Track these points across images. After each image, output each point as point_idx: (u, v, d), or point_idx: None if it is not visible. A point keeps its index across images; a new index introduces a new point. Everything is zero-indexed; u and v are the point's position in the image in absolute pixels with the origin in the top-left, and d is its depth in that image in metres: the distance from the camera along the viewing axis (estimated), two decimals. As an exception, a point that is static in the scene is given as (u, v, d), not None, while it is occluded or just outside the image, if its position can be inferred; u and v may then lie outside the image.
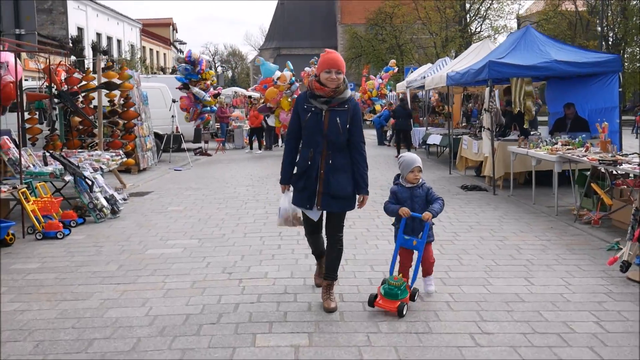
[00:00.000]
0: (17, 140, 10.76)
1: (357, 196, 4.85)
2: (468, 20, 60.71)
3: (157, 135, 17.05)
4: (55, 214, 8.15)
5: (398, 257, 5.05)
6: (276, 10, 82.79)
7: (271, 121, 20.12)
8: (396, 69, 34.34)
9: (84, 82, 12.00)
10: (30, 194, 8.26)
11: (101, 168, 9.75)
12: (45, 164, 8.72)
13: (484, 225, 8.06)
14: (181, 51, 46.62)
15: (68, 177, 8.45)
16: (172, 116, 16.99)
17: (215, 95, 19.29)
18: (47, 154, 8.72)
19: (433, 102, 23.48)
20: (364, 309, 4.72)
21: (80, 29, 38.13)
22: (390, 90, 36.84)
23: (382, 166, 15.76)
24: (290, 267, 5.94)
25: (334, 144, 4.66)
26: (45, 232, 7.45)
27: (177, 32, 64.38)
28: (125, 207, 9.65)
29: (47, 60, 9.00)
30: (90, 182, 8.53)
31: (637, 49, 51.75)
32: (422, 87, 21.22)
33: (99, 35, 41.03)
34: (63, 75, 9.65)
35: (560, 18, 55.24)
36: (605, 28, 48.85)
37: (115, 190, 10.53)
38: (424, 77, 21.51)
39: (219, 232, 7.59)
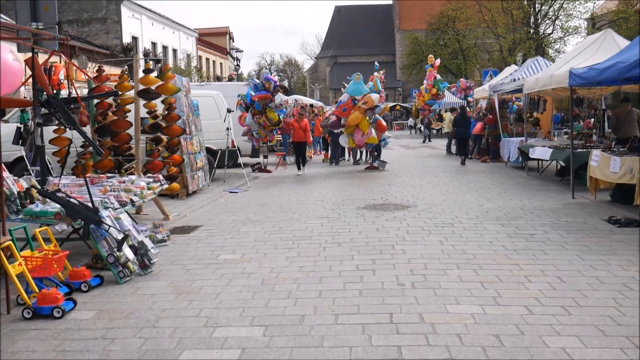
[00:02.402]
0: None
1: None
2: (539, 21, 56.78)
3: (209, 150, 14.68)
4: (61, 272, 5.74)
5: None
6: (332, 17, 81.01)
7: (343, 141, 17.43)
8: (436, 63, 32.15)
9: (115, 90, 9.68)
10: (26, 245, 5.85)
11: (132, 201, 7.30)
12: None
13: None
14: (238, 59, 44.81)
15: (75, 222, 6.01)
16: (227, 128, 14.57)
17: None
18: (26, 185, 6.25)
19: (520, 107, 20.39)
20: None
21: (134, 38, 36.77)
22: (443, 90, 34.16)
23: (488, 188, 12.81)
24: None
25: None
26: (37, 307, 4.99)
27: (233, 41, 62.91)
28: (164, 252, 7.16)
29: (32, 54, 6.59)
30: (119, 236, 6.03)
31: None
32: (515, 92, 18.24)
33: (154, 44, 39.63)
34: (62, 75, 7.31)
35: (639, 17, 50.80)
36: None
37: (154, 227, 8.12)
38: (515, 80, 18.54)
39: (294, 311, 4.93)
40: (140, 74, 9.97)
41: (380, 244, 7.34)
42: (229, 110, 14.82)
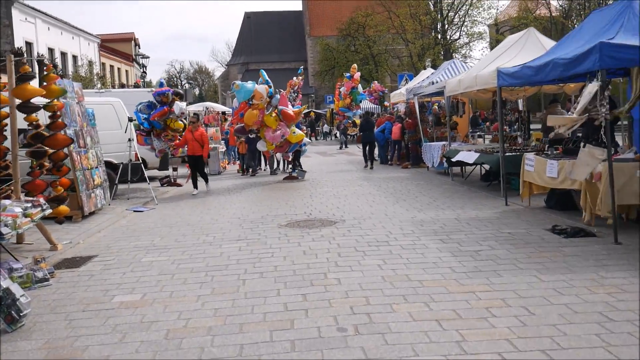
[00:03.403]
0: None
1: None
2: (446, 27, 58.11)
3: (110, 164, 13.11)
4: None
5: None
6: (243, 24, 79.73)
7: (262, 146, 16.08)
8: (356, 76, 31.18)
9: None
10: None
11: (0, 234, 5.84)
12: None
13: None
14: (144, 66, 42.41)
15: None
16: (130, 139, 13.04)
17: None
18: None
19: (436, 111, 20.05)
20: None
21: (28, 44, 33.92)
22: (360, 101, 33.46)
23: (416, 196, 12.03)
24: None
25: None
26: None
27: (139, 47, 60.09)
28: (44, 295, 5.76)
29: None
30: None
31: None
32: (434, 95, 17.79)
33: (51, 50, 36.80)
34: None
35: (537, 23, 53.06)
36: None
37: (35, 262, 6.68)
38: (433, 83, 18.12)
39: (209, 381, 3.77)
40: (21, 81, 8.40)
41: (309, 272, 6.25)
42: (130, 120, 13.32)
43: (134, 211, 11.59)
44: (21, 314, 4.93)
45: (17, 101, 8.11)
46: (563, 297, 5.08)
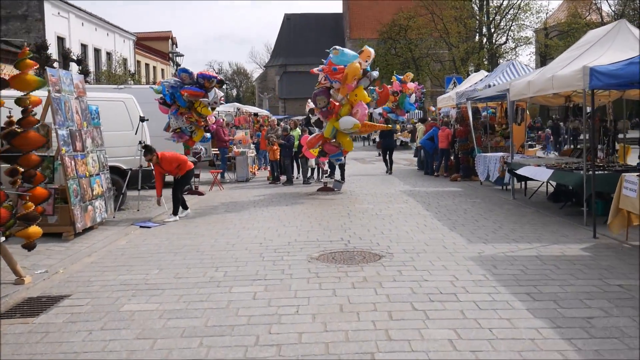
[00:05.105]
0: None
1: None
2: (492, 31, 55.35)
3: (117, 171, 11.37)
4: None
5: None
6: (282, 26, 78.64)
7: (347, 122, 13.05)
8: (409, 85, 28.00)
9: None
10: None
11: None
12: None
13: None
14: (178, 64, 41.08)
15: None
16: (141, 142, 11.26)
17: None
18: None
19: (485, 117, 17.87)
20: None
21: (60, 39, 32.88)
22: (408, 111, 30.73)
23: (476, 219, 9.96)
24: None
25: None
26: None
27: (176, 46, 59.07)
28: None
29: None
30: None
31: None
32: (487, 100, 15.73)
33: (84, 46, 35.72)
34: None
35: (588, 29, 49.75)
36: None
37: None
38: (489, 86, 16.03)
39: None
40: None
41: (348, 349, 4.26)
42: (142, 119, 11.55)
43: (141, 227, 9.83)
44: None
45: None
46: None
